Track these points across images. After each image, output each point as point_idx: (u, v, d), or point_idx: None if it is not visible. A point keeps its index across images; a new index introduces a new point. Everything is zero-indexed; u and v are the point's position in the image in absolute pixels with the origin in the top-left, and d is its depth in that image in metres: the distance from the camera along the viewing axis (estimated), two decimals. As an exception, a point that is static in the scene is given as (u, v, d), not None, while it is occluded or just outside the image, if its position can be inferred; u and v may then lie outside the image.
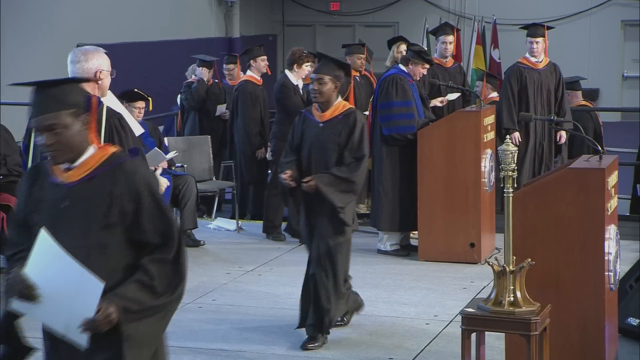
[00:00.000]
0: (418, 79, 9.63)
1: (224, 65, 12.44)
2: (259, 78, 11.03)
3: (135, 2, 19.46)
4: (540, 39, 10.64)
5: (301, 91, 10.24)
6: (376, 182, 9.56)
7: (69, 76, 4.64)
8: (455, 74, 10.94)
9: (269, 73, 11.27)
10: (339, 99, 6.83)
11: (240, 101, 10.83)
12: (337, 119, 6.80)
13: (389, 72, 9.55)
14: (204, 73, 11.83)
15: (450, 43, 10.85)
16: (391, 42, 10.67)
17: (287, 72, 10.29)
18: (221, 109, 11.86)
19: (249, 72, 11.07)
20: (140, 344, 3.69)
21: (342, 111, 6.81)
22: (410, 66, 9.46)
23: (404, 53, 9.89)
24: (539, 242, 5.77)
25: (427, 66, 9.70)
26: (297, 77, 10.24)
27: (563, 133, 10.71)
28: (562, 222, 5.75)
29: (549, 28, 10.85)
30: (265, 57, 11.08)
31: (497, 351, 6.44)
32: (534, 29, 10.69)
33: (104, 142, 4.64)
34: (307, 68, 10.21)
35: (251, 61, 11.03)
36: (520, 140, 10.55)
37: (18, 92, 4.72)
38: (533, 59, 10.71)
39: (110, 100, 5.71)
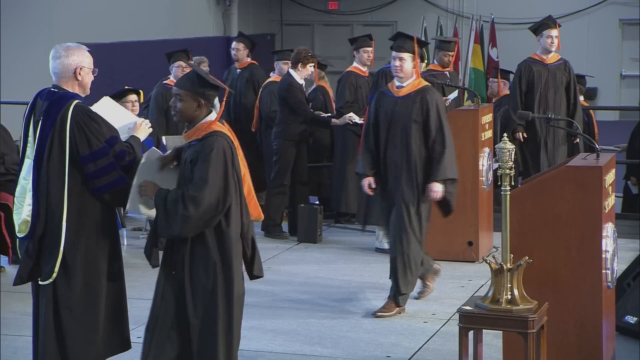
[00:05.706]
0: None
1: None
2: (364, 69, 10.73)
3: (133, 1, 19.46)
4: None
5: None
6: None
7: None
8: (555, 70, 10.32)
9: (372, 66, 10.88)
10: (212, 116, 5.47)
11: (339, 90, 10.61)
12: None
13: (381, 68, 9.74)
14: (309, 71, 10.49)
15: (555, 37, 10.22)
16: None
17: (291, 71, 10.21)
18: None
19: (354, 63, 10.82)
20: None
21: (205, 133, 5.43)
22: None
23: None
24: (537, 240, 5.78)
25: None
26: (300, 76, 10.19)
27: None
28: (560, 220, 5.76)
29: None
30: (367, 49, 10.67)
31: (495, 349, 6.45)
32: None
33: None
34: (310, 68, 10.18)
35: (354, 52, 10.76)
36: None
37: (18, 91, 4.74)
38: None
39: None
